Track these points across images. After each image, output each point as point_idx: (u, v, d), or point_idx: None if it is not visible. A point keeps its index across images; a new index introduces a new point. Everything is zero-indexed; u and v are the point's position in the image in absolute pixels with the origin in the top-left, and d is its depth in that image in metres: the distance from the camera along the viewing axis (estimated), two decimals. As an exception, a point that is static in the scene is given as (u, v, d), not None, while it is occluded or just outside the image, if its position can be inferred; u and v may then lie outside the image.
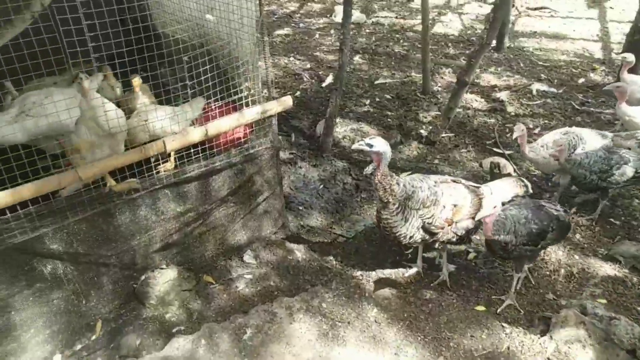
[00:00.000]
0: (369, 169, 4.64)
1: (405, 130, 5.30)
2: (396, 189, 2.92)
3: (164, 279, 3.09)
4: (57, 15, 2.46)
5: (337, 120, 5.26)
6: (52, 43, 2.52)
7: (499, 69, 6.74)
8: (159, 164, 3.06)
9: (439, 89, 6.25)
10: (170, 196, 3.06)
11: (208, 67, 2.97)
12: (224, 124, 3.11)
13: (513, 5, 8.85)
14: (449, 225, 3.00)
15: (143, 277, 3.10)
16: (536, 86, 6.14)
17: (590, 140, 3.90)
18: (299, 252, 3.55)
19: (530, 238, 2.90)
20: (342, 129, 5.29)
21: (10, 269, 2.58)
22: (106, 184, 2.82)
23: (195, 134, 2.99)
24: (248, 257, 3.46)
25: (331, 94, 4.69)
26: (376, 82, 6.40)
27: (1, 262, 2.54)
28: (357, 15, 8.47)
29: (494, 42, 7.28)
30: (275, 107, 3.32)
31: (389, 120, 5.53)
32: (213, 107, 3.23)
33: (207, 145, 3.16)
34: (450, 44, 7.64)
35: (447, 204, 2.99)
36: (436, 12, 8.91)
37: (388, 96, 6.09)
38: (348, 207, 4.21)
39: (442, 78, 6.54)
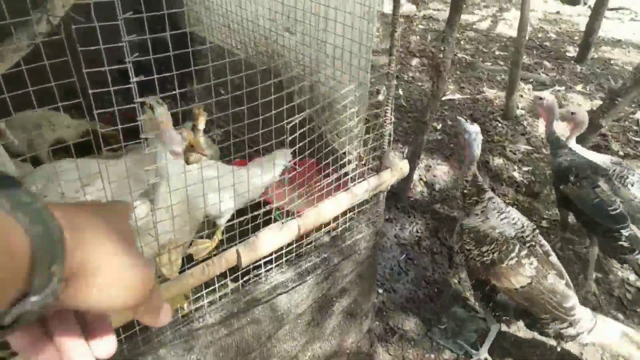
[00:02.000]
0: (455, 239, 3.55)
1: (494, 172, 4.19)
2: None
3: None
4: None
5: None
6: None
7: (588, 87, 5.60)
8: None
9: (522, 111, 5.11)
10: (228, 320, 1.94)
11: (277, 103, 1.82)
12: (326, 212, 1.97)
13: (586, 4, 7.67)
14: None
15: None
16: (641, 115, 5.04)
17: None
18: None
19: None
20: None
21: None
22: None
23: (284, 236, 1.85)
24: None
25: (417, 129, 3.54)
26: (443, 97, 5.25)
27: None
28: (406, 5, 7.23)
29: (575, 52, 6.15)
30: (389, 178, 2.19)
31: (471, 154, 4.40)
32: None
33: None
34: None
35: None
36: (496, 7, 7.69)
37: (461, 119, 4.93)
38: (446, 294, 3.11)
39: (521, 96, 5.39)
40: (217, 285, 1.80)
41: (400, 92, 5.30)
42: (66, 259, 0.44)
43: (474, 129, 2.79)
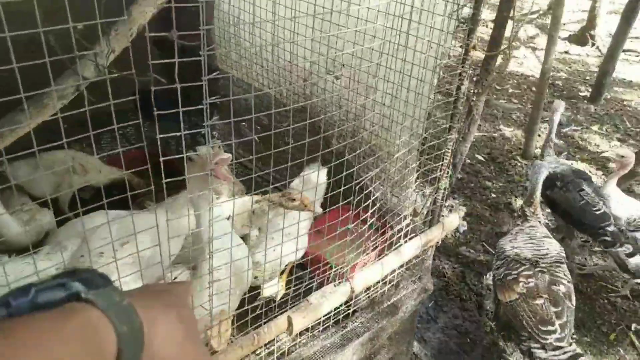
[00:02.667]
0: (489, 277, 3.43)
1: (516, 214, 4.08)
2: None
3: None
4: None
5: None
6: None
7: (604, 127, 5.56)
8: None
9: (539, 150, 5.05)
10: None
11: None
12: (378, 272, 1.84)
13: (594, 44, 7.73)
14: None
15: None
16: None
17: None
18: None
19: None
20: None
21: None
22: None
23: (336, 299, 1.71)
24: None
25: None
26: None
27: None
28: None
29: (587, 92, 6.15)
30: (438, 234, 2.07)
31: (492, 195, 4.31)
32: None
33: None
34: (532, 88, 6.44)
35: None
36: (504, 44, 7.71)
37: (480, 157, 4.87)
38: (479, 345, 2.96)
39: (539, 136, 5.33)
40: (263, 354, 1.65)
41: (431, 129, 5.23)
42: (144, 352, 0.48)
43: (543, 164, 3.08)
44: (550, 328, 2.31)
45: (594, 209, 3.17)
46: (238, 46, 2.93)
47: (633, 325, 3.13)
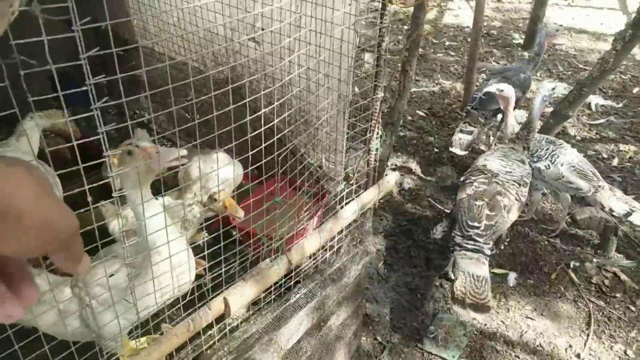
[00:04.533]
0: (437, 231, 3.48)
1: (459, 167, 4.15)
2: None
3: None
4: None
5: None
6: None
7: (538, 73, 5.68)
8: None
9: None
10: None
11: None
12: (316, 242, 1.80)
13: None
14: None
15: None
16: (592, 99, 5.14)
17: None
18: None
19: None
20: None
21: None
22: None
23: (274, 274, 1.66)
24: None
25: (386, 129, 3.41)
26: (400, 92, 5.16)
27: None
28: None
29: (521, 39, 6.24)
30: (374, 196, 2.04)
31: (435, 150, 4.35)
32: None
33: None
34: (468, 39, 6.47)
35: None
36: (440, -3, 7.70)
37: (421, 112, 4.89)
38: (429, 300, 3.02)
39: (477, 86, 5.38)
40: (202, 339, 1.59)
41: (357, 89, 5.17)
42: None
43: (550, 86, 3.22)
44: (475, 224, 2.75)
45: None
46: (156, 18, 2.76)
47: (572, 263, 3.27)
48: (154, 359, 1.38)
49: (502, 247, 3.19)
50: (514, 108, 3.54)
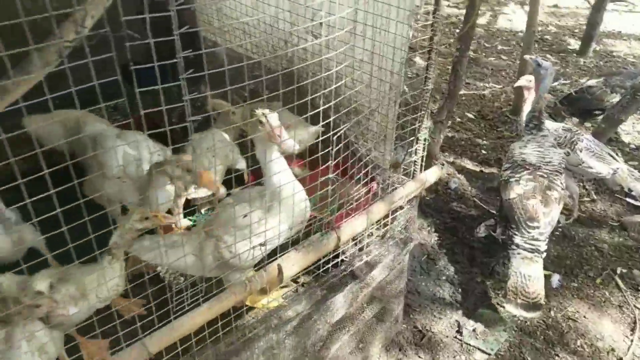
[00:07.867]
0: (481, 230, 3.52)
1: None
2: None
3: None
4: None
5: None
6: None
7: (593, 80, 5.57)
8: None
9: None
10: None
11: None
12: (363, 223, 1.91)
13: (584, -3, 7.64)
14: None
15: None
16: (650, 107, 4.99)
17: None
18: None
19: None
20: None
21: None
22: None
23: (323, 248, 1.80)
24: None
25: (433, 129, 3.48)
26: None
27: None
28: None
29: (576, 45, 6.13)
30: (421, 184, 2.14)
31: (483, 152, 4.37)
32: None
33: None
34: (521, 44, 6.42)
35: None
36: (494, 1, 7.66)
37: (470, 115, 4.91)
38: (471, 295, 3.07)
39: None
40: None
41: (405, 88, 5.25)
42: None
43: (548, 64, 3.12)
44: (535, 224, 2.81)
45: None
46: (220, 12, 2.95)
47: (619, 269, 3.24)
48: (214, 312, 1.53)
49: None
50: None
